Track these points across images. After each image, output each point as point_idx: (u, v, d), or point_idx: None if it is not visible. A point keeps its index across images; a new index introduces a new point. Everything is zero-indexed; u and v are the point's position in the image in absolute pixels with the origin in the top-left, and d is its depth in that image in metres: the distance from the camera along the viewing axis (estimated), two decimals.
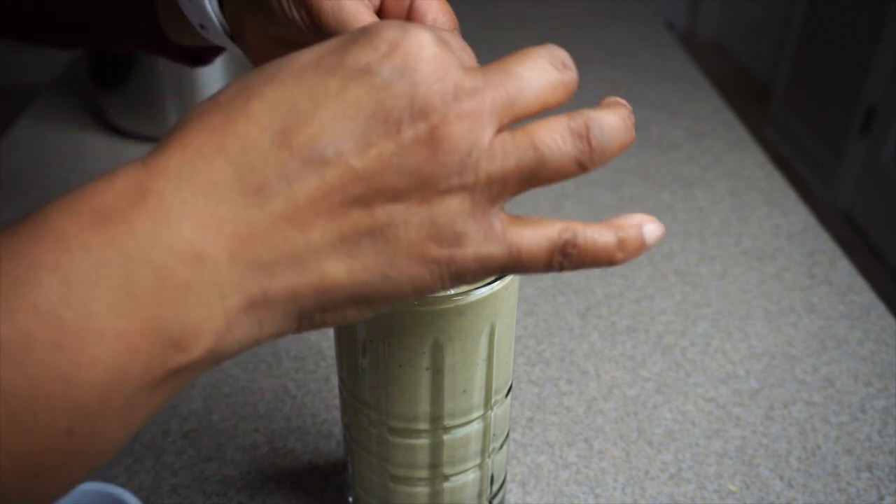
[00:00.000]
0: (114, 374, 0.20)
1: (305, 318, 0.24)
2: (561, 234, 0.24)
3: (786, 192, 0.78)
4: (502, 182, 0.24)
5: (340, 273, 0.23)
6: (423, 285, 0.24)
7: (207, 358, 0.22)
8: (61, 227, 0.20)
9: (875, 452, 0.50)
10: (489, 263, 0.24)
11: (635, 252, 0.25)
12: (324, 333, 0.59)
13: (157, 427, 0.51)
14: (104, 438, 0.21)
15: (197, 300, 0.21)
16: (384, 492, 0.39)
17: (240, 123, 0.22)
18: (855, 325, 0.60)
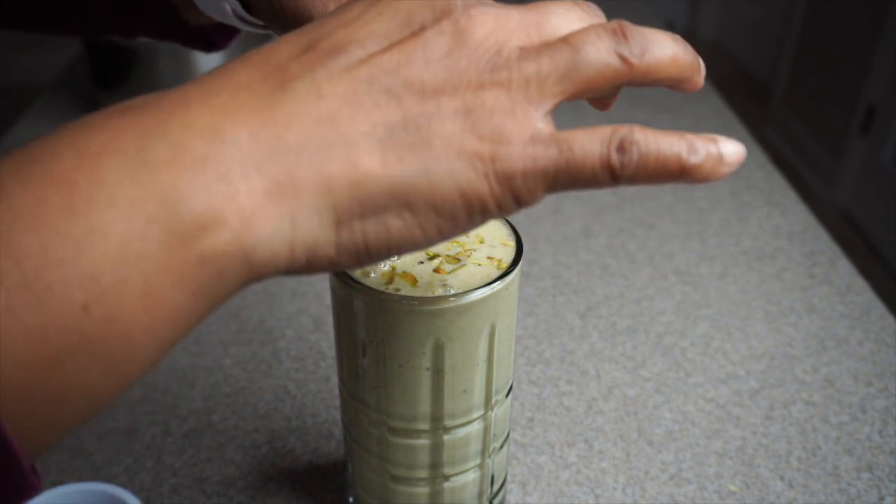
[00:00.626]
0: (128, 244, 0.19)
1: (344, 225, 0.22)
2: (616, 130, 0.23)
3: (786, 193, 0.78)
4: (539, 81, 0.22)
5: (374, 162, 0.21)
6: (467, 184, 0.22)
7: (235, 249, 0.20)
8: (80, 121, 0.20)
9: (875, 452, 0.50)
10: (539, 162, 0.22)
11: (709, 160, 0.23)
12: (324, 333, 0.59)
13: (157, 427, 0.51)
14: (125, 328, 0.19)
15: (216, 175, 0.20)
16: (384, 492, 0.39)
17: (268, 45, 0.23)
18: (855, 326, 0.60)
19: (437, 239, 0.23)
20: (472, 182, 0.22)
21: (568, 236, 0.71)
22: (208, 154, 0.20)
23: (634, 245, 0.70)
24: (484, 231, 0.37)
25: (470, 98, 0.22)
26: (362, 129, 0.21)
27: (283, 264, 0.21)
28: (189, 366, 0.56)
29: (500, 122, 0.22)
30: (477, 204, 0.22)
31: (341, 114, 0.21)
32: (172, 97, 0.21)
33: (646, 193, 0.77)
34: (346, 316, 0.35)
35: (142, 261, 0.19)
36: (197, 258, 0.20)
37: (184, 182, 0.20)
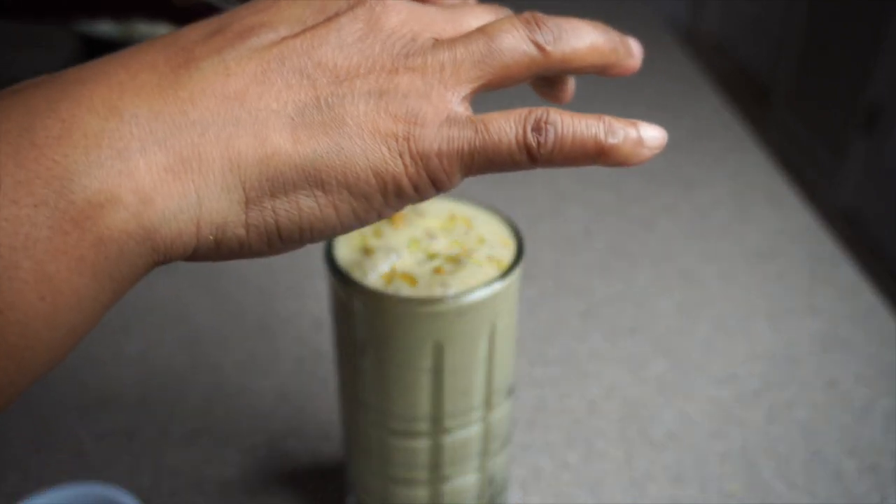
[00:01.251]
0: (16, 230, 0.18)
1: (254, 204, 0.21)
2: (532, 111, 0.23)
3: (787, 193, 0.78)
4: (454, 66, 0.23)
5: (284, 139, 0.21)
6: (381, 162, 0.22)
7: (135, 228, 0.19)
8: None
9: (878, 454, 0.49)
10: (454, 142, 0.22)
11: (628, 142, 0.23)
12: (324, 334, 0.59)
13: (156, 428, 0.51)
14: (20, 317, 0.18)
15: (111, 151, 0.19)
16: (384, 493, 0.39)
17: (177, 30, 0.22)
18: (857, 326, 0.60)
19: (351, 222, 0.23)
20: (386, 161, 0.22)
21: (569, 236, 0.70)
22: (103, 130, 0.19)
23: (635, 245, 0.69)
24: (484, 231, 0.37)
25: (384, 81, 0.22)
26: (272, 107, 0.21)
27: (189, 244, 0.21)
28: (188, 366, 0.55)
29: (415, 104, 0.22)
30: (392, 184, 0.22)
31: (250, 91, 0.21)
32: (66, 76, 0.20)
33: (646, 193, 0.77)
34: (345, 317, 0.35)
35: (32, 246, 0.18)
36: (94, 239, 0.19)
37: (75, 160, 0.19)
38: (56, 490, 0.39)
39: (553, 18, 0.24)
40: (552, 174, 0.80)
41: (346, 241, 0.36)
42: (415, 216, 0.38)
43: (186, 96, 0.20)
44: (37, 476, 0.47)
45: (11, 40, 0.84)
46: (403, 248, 0.35)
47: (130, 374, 0.55)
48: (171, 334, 0.58)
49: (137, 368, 0.55)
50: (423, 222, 0.37)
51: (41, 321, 0.19)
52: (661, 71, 1.04)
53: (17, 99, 0.19)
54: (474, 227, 0.37)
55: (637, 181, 0.79)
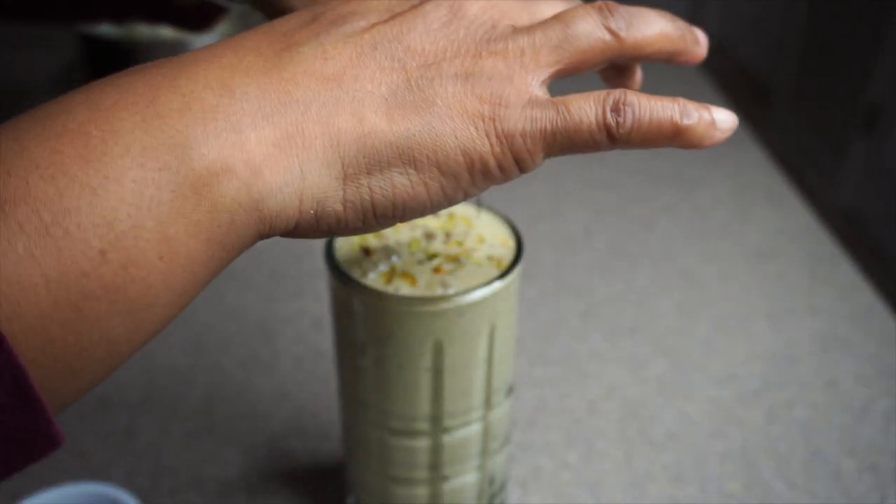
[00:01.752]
0: (141, 191, 0.19)
1: (351, 180, 0.22)
2: (610, 92, 0.24)
3: (787, 193, 0.78)
4: (533, 51, 0.24)
5: (380, 119, 0.22)
6: (469, 141, 0.23)
7: (245, 197, 0.21)
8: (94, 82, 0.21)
9: (878, 454, 0.49)
10: (538, 122, 0.23)
11: (702, 122, 0.24)
12: (324, 334, 0.59)
13: (156, 427, 0.51)
14: (142, 275, 0.19)
15: (226, 124, 0.21)
16: (384, 493, 0.39)
17: (276, 20, 0.24)
18: (857, 326, 0.60)
19: (440, 199, 0.24)
20: (473, 140, 0.23)
21: (569, 236, 0.70)
22: (218, 105, 0.21)
23: (635, 245, 0.69)
24: (484, 231, 0.37)
25: (469, 64, 0.23)
26: (367, 88, 0.22)
27: (292, 217, 0.22)
28: (188, 366, 0.55)
29: (499, 87, 0.23)
30: (478, 163, 0.23)
31: (346, 74, 0.22)
32: (182, 58, 0.22)
33: (646, 193, 0.77)
34: (345, 316, 0.35)
35: (156, 207, 0.19)
36: (209, 205, 0.20)
37: (195, 130, 0.20)
38: (56, 490, 0.39)
39: (625, 7, 0.25)
40: (552, 173, 0.80)
41: (346, 241, 0.36)
42: None
43: (289, 77, 0.22)
44: (37, 476, 0.47)
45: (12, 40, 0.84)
46: (403, 248, 0.35)
47: (130, 374, 0.55)
48: (171, 334, 0.58)
49: (137, 368, 0.55)
50: (422, 222, 0.37)
51: (159, 280, 0.20)
52: (661, 71, 1.04)
53: (140, 76, 0.21)
54: (474, 226, 0.37)
55: (637, 181, 0.79)
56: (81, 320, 0.19)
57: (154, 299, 0.20)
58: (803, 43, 2.40)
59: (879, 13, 1.97)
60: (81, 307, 0.19)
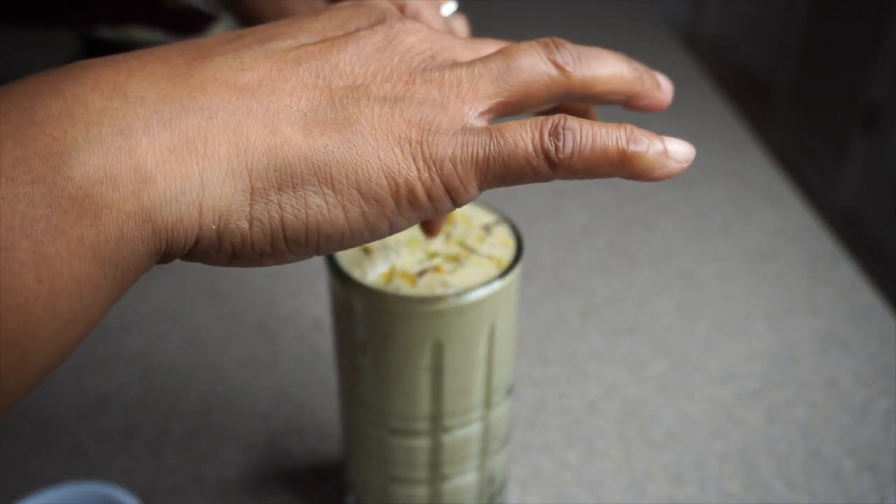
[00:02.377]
0: (13, 208, 0.17)
1: (259, 196, 0.20)
2: (549, 117, 0.22)
3: (787, 192, 0.78)
4: (472, 81, 0.22)
5: (295, 131, 0.20)
6: (394, 164, 0.21)
7: (134, 208, 0.18)
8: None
9: (878, 454, 0.49)
10: (469, 147, 0.21)
11: (651, 151, 0.22)
12: (323, 334, 0.58)
13: (155, 427, 0.51)
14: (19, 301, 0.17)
15: (113, 128, 0.18)
16: (384, 493, 0.39)
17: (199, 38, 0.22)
18: (857, 326, 0.60)
19: (360, 228, 0.22)
20: (398, 163, 0.21)
21: (568, 236, 0.70)
22: (106, 108, 0.19)
23: (635, 245, 0.69)
24: (484, 230, 0.37)
25: (400, 88, 0.22)
26: (285, 101, 0.21)
27: (192, 230, 0.20)
28: (187, 366, 0.55)
29: (430, 113, 0.22)
30: (405, 188, 0.21)
31: (263, 85, 0.21)
32: (74, 65, 0.20)
33: (646, 193, 0.77)
34: (345, 316, 0.35)
35: (30, 225, 0.17)
36: (93, 218, 0.18)
37: (74, 136, 0.18)
38: (56, 489, 0.39)
39: (574, 45, 0.24)
40: None
41: None
42: None
43: (197, 83, 0.20)
44: (37, 476, 0.47)
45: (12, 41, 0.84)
46: (403, 248, 0.35)
47: (130, 374, 0.55)
48: (171, 334, 0.58)
49: (137, 368, 0.55)
50: None
51: (40, 306, 0.18)
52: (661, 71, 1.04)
53: (21, 84, 0.19)
54: (474, 226, 0.37)
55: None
56: None
57: (36, 328, 0.18)
58: (803, 43, 2.40)
59: (879, 13, 1.97)
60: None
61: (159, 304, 0.61)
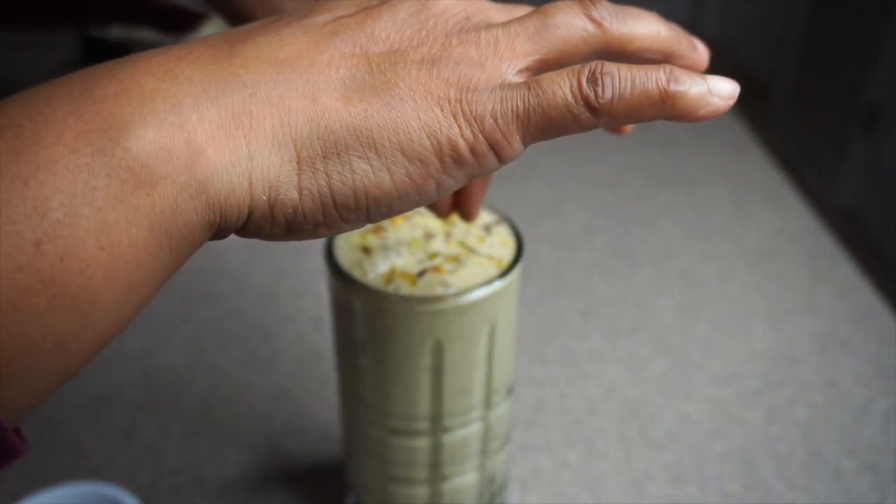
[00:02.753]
0: (75, 177, 0.18)
1: (306, 165, 0.21)
2: (586, 64, 0.22)
3: (787, 192, 0.78)
4: (508, 39, 0.22)
5: (335, 98, 0.21)
6: (435, 123, 0.21)
7: (187, 178, 0.19)
8: None
9: (878, 453, 0.49)
10: (508, 101, 0.22)
11: (695, 88, 0.22)
12: (324, 334, 0.59)
13: (155, 427, 0.51)
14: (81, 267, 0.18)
15: (165, 105, 0.19)
16: (384, 492, 0.39)
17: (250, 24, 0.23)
18: (857, 326, 0.60)
19: (408, 189, 0.22)
20: (439, 121, 0.21)
21: (568, 236, 0.70)
22: (158, 88, 0.20)
23: (635, 245, 0.69)
24: (484, 230, 0.37)
25: (437, 50, 0.22)
26: (324, 71, 0.21)
27: (244, 201, 0.20)
28: (188, 365, 0.55)
29: (468, 71, 0.22)
30: (448, 147, 0.21)
31: (302, 58, 0.21)
32: (130, 56, 0.21)
33: (646, 193, 0.77)
34: (345, 316, 0.35)
35: (91, 193, 0.18)
36: (149, 188, 0.19)
37: (131, 112, 0.19)
38: (56, 489, 0.39)
39: (610, 2, 0.24)
40: (552, 173, 0.80)
41: (346, 240, 0.36)
42: (415, 215, 0.38)
43: (240, 62, 0.21)
44: (37, 476, 0.47)
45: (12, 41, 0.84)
46: (403, 248, 0.35)
47: (130, 374, 0.55)
48: (172, 334, 0.58)
49: (137, 368, 0.55)
50: (423, 222, 0.37)
51: (101, 272, 0.19)
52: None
53: (82, 71, 0.20)
54: (474, 226, 0.37)
55: (637, 181, 0.79)
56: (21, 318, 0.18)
57: (97, 294, 0.19)
58: (803, 43, 2.40)
59: (879, 13, 1.97)
60: (18, 304, 0.18)
61: (160, 304, 0.61)
